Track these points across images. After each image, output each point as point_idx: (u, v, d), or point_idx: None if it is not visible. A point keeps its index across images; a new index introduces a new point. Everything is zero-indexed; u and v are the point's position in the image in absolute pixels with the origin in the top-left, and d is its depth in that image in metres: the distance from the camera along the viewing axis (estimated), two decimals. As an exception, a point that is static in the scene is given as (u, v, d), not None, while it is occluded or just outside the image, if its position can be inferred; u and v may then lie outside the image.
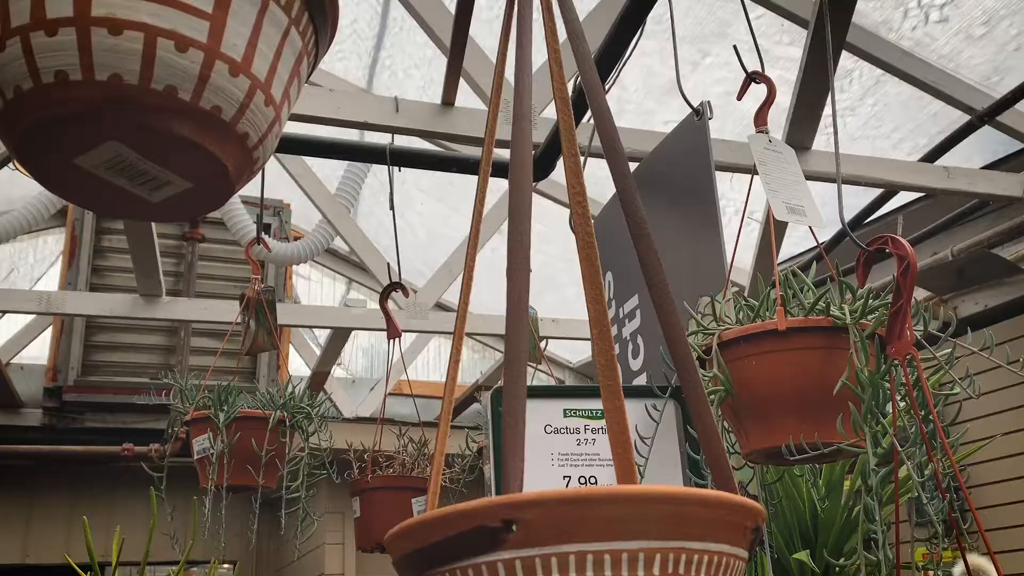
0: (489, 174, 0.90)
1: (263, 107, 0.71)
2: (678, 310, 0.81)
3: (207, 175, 0.70)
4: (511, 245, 0.70)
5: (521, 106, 0.77)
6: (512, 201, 0.73)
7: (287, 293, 5.44)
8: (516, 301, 0.67)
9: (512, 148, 0.74)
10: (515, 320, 0.66)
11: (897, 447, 1.11)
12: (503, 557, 0.58)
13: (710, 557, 0.61)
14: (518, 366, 0.65)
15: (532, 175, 0.75)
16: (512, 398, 0.64)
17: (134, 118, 0.65)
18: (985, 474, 4.07)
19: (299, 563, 5.11)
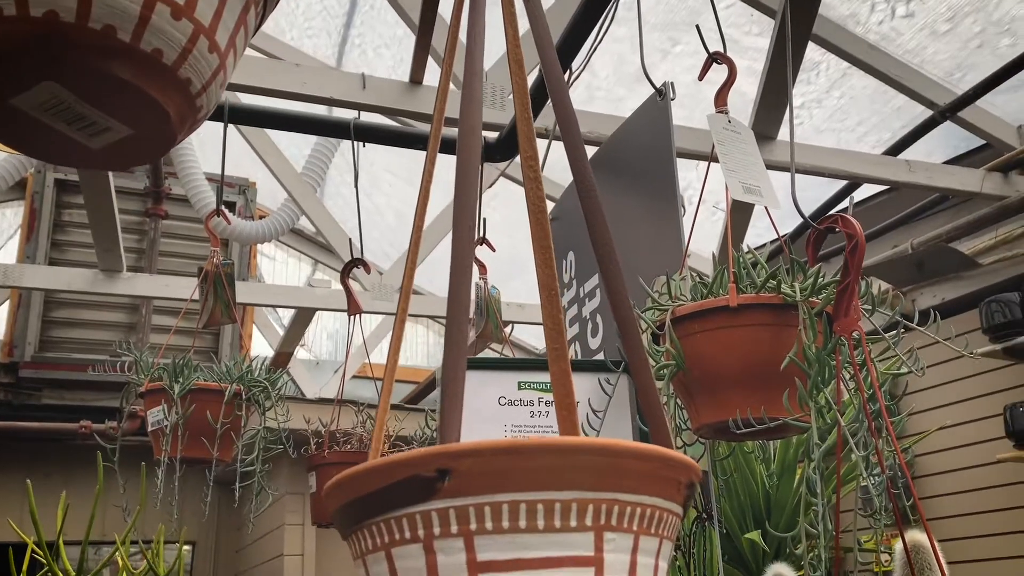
0: (437, 148, 0.90)
1: (207, 53, 0.70)
2: (624, 279, 0.81)
3: (148, 121, 0.69)
4: (457, 203, 0.70)
5: (473, 65, 0.77)
6: (460, 159, 0.73)
7: (251, 272, 5.39)
8: (460, 256, 0.67)
9: (462, 106, 0.74)
10: (458, 277, 0.66)
11: (840, 422, 1.13)
12: (437, 506, 0.58)
13: (643, 510, 0.61)
14: (459, 321, 0.65)
15: (481, 136, 0.75)
16: (452, 352, 0.64)
17: (70, 57, 0.63)
18: (933, 464, 4.15)
19: (259, 543, 5.08)
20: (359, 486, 0.61)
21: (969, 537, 3.94)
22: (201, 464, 1.90)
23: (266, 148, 4.59)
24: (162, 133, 0.71)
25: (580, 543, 0.59)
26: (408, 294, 0.80)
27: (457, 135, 0.75)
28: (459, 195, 0.72)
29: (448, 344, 0.64)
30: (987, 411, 3.87)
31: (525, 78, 0.87)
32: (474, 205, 0.70)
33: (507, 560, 0.58)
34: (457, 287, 0.66)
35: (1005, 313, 3.60)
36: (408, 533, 0.60)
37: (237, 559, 5.78)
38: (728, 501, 2.25)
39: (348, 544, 0.66)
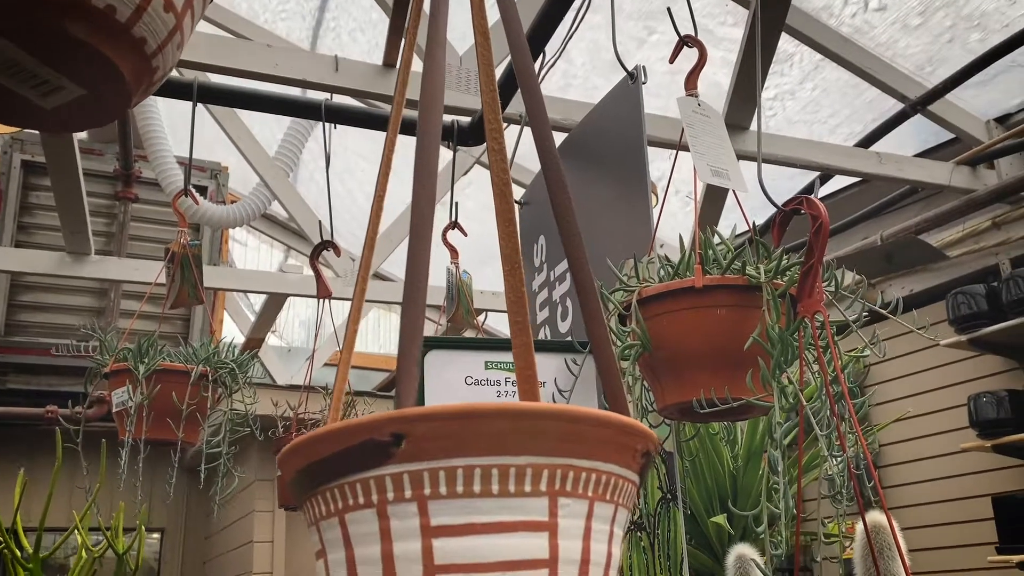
0: (398, 128, 0.89)
1: (162, 12, 0.68)
2: (587, 259, 0.81)
3: (102, 81, 0.67)
4: (417, 170, 0.70)
5: (436, 33, 0.76)
6: (421, 128, 0.73)
7: (222, 258, 5.34)
8: (420, 223, 0.67)
9: (424, 73, 0.73)
10: (417, 244, 0.66)
11: (802, 401, 1.14)
12: (391, 471, 0.58)
13: (598, 476, 0.61)
14: (417, 287, 0.64)
15: (442, 104, 0.75)
16: (409, 317, 0.64)
17: (22, 13, 0.62)
18: (898, 454, 4.21)
19: (229, 530, 5.05)
20: (314, 451, 0.61)
21: (932, 525, 4.01)
22: (167, 446, 1.88)
23: (238, 132, 4.54)
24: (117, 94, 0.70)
25: (534, 508, 0.59)
26: (368, 263, 0.79)
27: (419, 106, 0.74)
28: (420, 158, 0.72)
29: (405, 310, 0.64)
30: (952, 402, 3.93)
31: (490, 49, 0.86)
32: (434, 167, 0.70)
33: (461, 525, 0.57)
34: (416, 253, 0.66)
35: (971, 305, 3.66)
36: (362, 498, 0.59)
37: (207, 546, 5.74)
38: (695, 486, 2.26)
39: (302, 511, 0.65)
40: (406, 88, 0.83)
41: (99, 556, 1.38)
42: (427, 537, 0.57)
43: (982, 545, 3.65)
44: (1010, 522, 3.39)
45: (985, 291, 3.65)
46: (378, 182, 0.82)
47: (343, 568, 0.60)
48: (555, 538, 0.59)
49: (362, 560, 0.59)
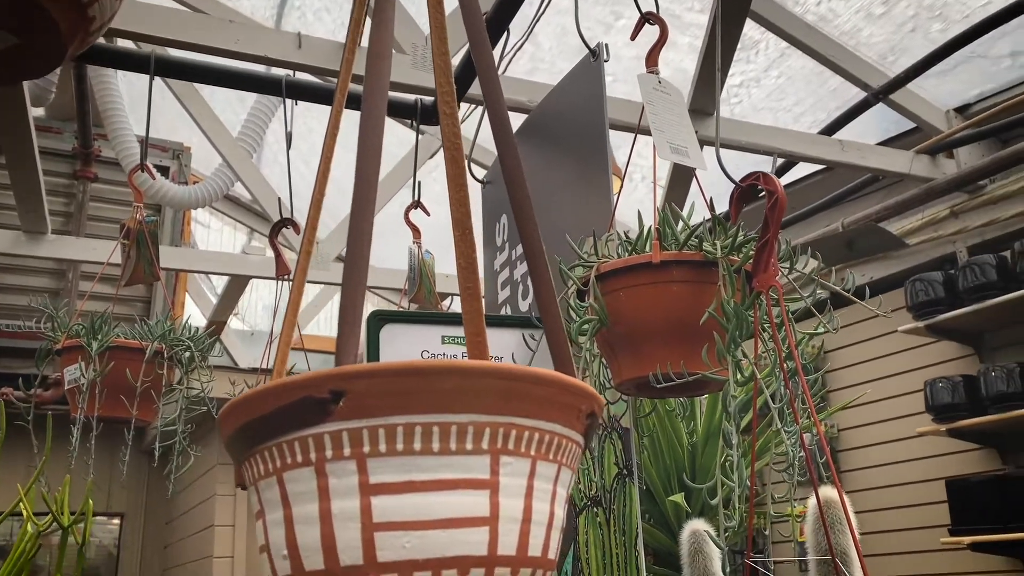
0: (344, 102, 0.88)
1: (98, -41, 0.67)
2: (539, 234, 0.81)
3: (35, 29, 0.65)
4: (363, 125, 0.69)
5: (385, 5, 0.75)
6: (367, 85, 0.72)
7: (185, 239, 5.26)
8: (364, 179, 0.66)
9: (371, 34, 0.72)
10: (362, 197, 0.65)
11: (756, 374, 1.15)
12: (330, 429, 0.57)
13: (541, 435, 0.61)
14: (360, 244, 0.63)
15: (388, 75, 0.73)
16: (352, 270, 0.63)
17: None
18: (856, 439, 4.28)
19: (190, 514, 5.00)
20: (252, 409, 0.60)
21: (889, 508, 4.08)
22: (120, 423, 1.85)
23: (201, 111, 4.47)
24: (51, 44, 0.67)
25: (476, 466, 0.58)
26: (314, 225, 0.78)
27: (366, 65, 0.73)
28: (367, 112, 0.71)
29: (348, 265, 0.63)
30: (909, 387, 3.99)
31: (443, 13, 0.85)
32: (381, 125, 0.68)
33: (400, 482, 0.57)
34: (361, 206, 0.65)
35: (928, 292, 3.72)
36: (300, 457, 0.58)
37: (167, 530, 5.68)
38: (654, 466, 2.28)
39: (242, 473, 0.64)
40: (353, 58, 0.82)
41: (43, 529, 1.35)
42: (366, 495, 0.57)
43: (936, 527, 3.72)
44: (962, 505, 3.46)
45: (942, 278, 3.71)
46: (324, 147, 0.80)
47: (280, 528, 0.59)
48: (496, 496, 0.59)
49: (300, 519, 0.58)
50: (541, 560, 0.61)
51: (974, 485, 3.46)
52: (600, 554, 1.50)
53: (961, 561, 3.66)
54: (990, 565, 3.58)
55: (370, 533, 0.56)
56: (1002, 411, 3.37)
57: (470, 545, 0.57)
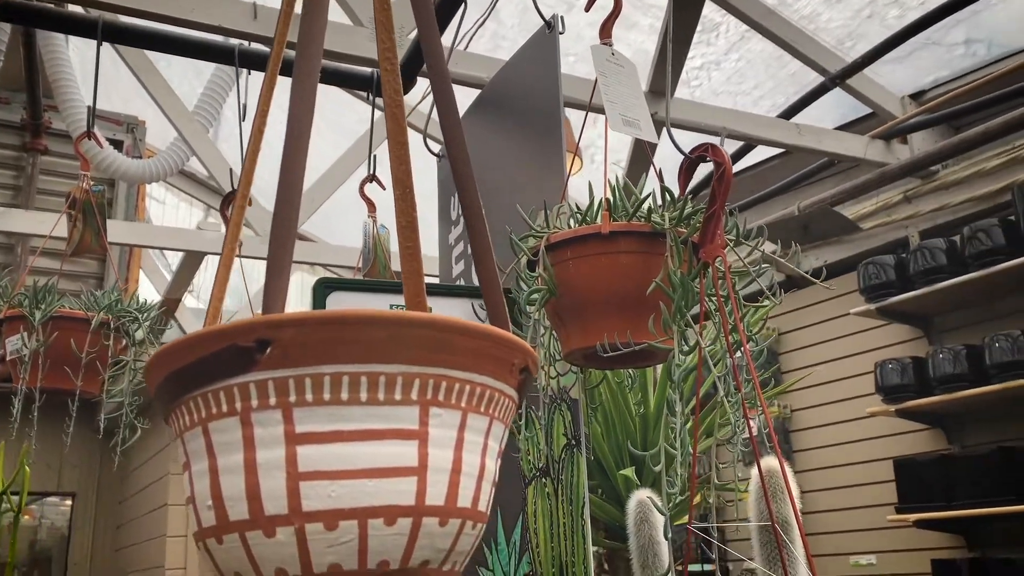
0: (279, 67, 0.87)
1: None
2: (482, 209, 0.81)
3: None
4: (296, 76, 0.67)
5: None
6: (301, 41, 0.70)
7: (138, 215, 5.16)
8: (296, 127, 0.65)
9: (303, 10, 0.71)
10: (293, 145, 0.64)
11: (701, 343, 1.16)
12: (256, 378, 0.56)
13: (472, 387, 0.61)
14: (291, 191, 0.63)
15: (322, 39, 0.72)
16: (281, 218, 0.62)
17: None
18: (808, 419, 4.35)
19: (143, 494, 4.94)
20: (178, 358, 0.59)
21: (839, 487, 4.16)
22: (64, 395, 1.81)
23: (156, 85, 4.38)
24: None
25: (405, 417, 0.58)
26: (249, 178, 0.77)
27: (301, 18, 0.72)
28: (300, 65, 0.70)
29: (277, 214, 0.62)
30: (860, 369, 4.07)
31: (386, -32, 0.84)
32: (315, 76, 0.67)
33: (327, 432, 0.56)
34: (292, 157, 0.64)
35: (880, 275, 3.78)
36: (225, 406, 0.57)
37: (120, 510, 5.61)
38: (606, 441, 2.30)
39: (169, 425, 0.63)
40: (288, 27, 0.81)
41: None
42: (291, 444, 0.56)
43: (884, 506, 3.80)
44: (909, 483, 3.55)
45: (894, 262, 3.78)
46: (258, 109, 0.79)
47: (206, 478, 0.58)
48: (425, 447, 0.58)
49: (225, 469, 0.57)
50: (471, 512, 0.61)
51: (920, 464, 3.54)
52: (548, 524, 1.50)
53: (907, 538, 3.76)
54: (934, 542, 3.67)
55: (295, 482, 0.56)
56: (948, 392, 3.45)
57: (397, 495, 0.57)
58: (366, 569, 0.56)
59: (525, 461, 1.62)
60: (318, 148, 5.41)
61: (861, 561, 4.00)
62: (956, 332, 3.81)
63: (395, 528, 0.57)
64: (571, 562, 1.43)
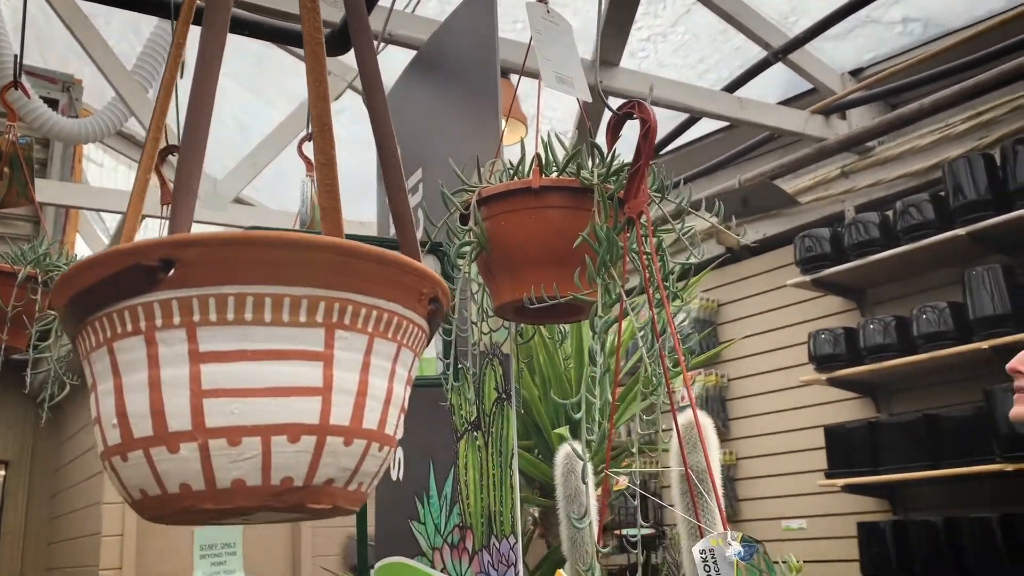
0: (190, 19, 0.86)
1: None
2: (396, 147, 0.82)
3: None
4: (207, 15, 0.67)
5: None
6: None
7: (75, 177, 5.03)
8: (208, 52, 0.65)
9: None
10: (203, 71, 0.64)
11: (623, 297, 1.19)
12: (159, 297, 0.57)
13: (379, 313, 0.62)
14: (200, 114, 0.63)
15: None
16: (190, 141, 0.62)
17: None
18: (745, 388, 4.46)
19: (80, 460, 4.86)
20: (83, 278, 0.59)
21: (773, 454, 4.28)
22: (-12, 349, 1.77)
23: (93, 42, 4.25)
24: None
25: (310, 338, 0.59)
26: (163, 114, 0.77)
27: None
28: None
29: (186, 137, 0.62)
30: (796, 339, 4.17)
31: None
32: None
33: (231, 351, 0.57)
34: (200, 82, 0.64)
35: (815, 247, 3.88)
36: (130, 326, 0.58)
37: (56, 478, 5.51)
38: (544, 403, 2.33)
39: (76, 348, 0.64)
40: None
41: None
42: (195, 363, 0.57)
43: (814, 472, 3.93)
44: (838, 450, 3.67)
45: (830, 235, 3.87)
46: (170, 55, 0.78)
47: (111, 397, 0.59)
48: (331, 368, 0.60)
49: (129, 387, 0.58)
50: (378, 434, 0.63)
51: (849, 431, 3.66)
52: (478, 476, 1.53)
53: (835, 502, 3.89)
54: (861, 506, 3.81)
55: (199, 400, 0.57)
56: (877, 361, 3.56)
57: (301, 413, 0.58)
58: (270, 485, 0.58)
59: (457, 416, 1.64)
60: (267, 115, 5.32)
61: (792, 526, 4.13)
62: (888, 304, 3.93)
63: (299, 446, 0.58)
64: (499, 511, 1.46)
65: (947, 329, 3.38)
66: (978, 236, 3.31)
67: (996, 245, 3.39)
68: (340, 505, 0.62)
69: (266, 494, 0.58)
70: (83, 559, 4.65)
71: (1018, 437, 3.06)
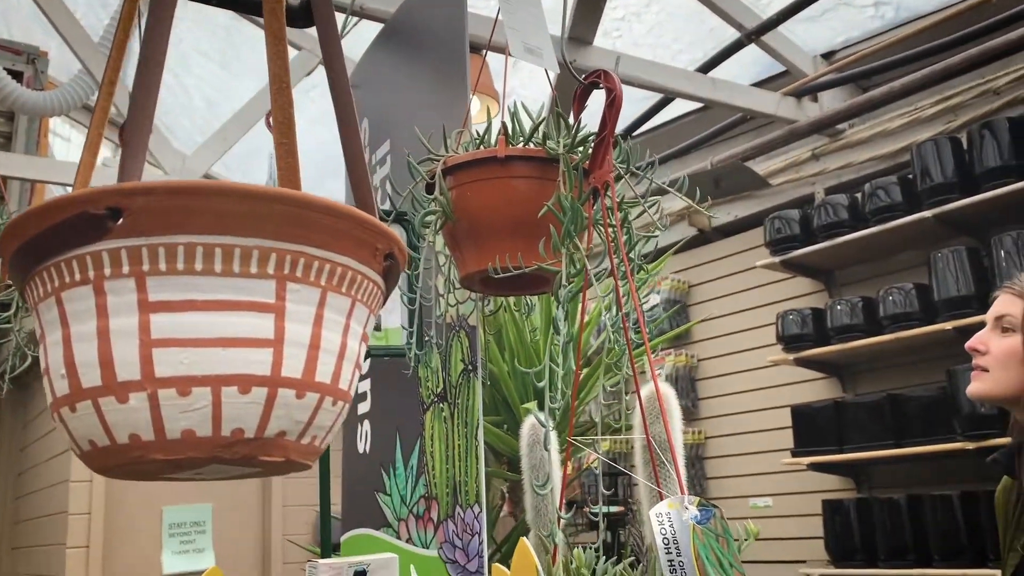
0: None
1: None
2: (353, 104, 0.81)
3: None
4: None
5: None
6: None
7: (41, 151, 4.94)
8: (159, 15, 0.64)
9: None
10: (156, 20, 0.63)
11: (587, 266, 1.20)
12: (108, 247, 0.57)
13: (332, 267, 0.62)
14: (152, 64, 0.62)
15: None
16: (141, 90, 0.61)
17: None
18: (715, 368, 4.50)
19: (47, 439, 4.81)
20: (31, 227, 0.58)
21: (741, 433, 4.33)
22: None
23: (58, 14, 4.17)
24: None
25: (261, 290, 0.59)
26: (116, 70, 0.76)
27: None
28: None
29: (136, 86, 0.61)
30: (765, 320, 4.21)
31: None
32: None
33: (181, 301, 0.57)
34: (152, 35, 0.63)
35: (785, 229, 3.91)
36: (78, 275, 0.57)
37: (22, 457, 5.46)
38: (513, 378, 2.34)
39: (25, 300, 0.63)
40: None
41: None
42: (145, 312, 0.57)
43: (781, 451, 3.97)
44: (804, 429, 3.71)
45: (799, 217, 3.91)
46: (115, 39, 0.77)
47: (59, 347, 0.58)
48: (282, 321, 0.60)
49: (78, 337, 0.58)
50: (331, 388, 0.63)
51: (815, 411, 3.70)
52: (444, 447, 1.54)
53: (801, 481, 3.94)
54: (826, 484, 3.86)
55: (148, 349, 0.56)
56: (844, 341, 3.61)
57: (252, 364, 0.58)
58: (220, 436, 0.58)
59: (424, 388, 1.65)
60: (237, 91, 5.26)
61: (759, 504, 4.19)
62: (855, 285, 3.98)
63: (249, 397, 0.58)
64: (464, 482, 1.46)
65: (912, 310, 3.43)
66: (944, 218, 3.36)
67: (962, 227, 3.44)
68: (293, 459, 0.62)
69: (216, 445, 0.58)
70: (50, 538, 4.62)
71: (979, 416, 3.12)
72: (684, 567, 0.96)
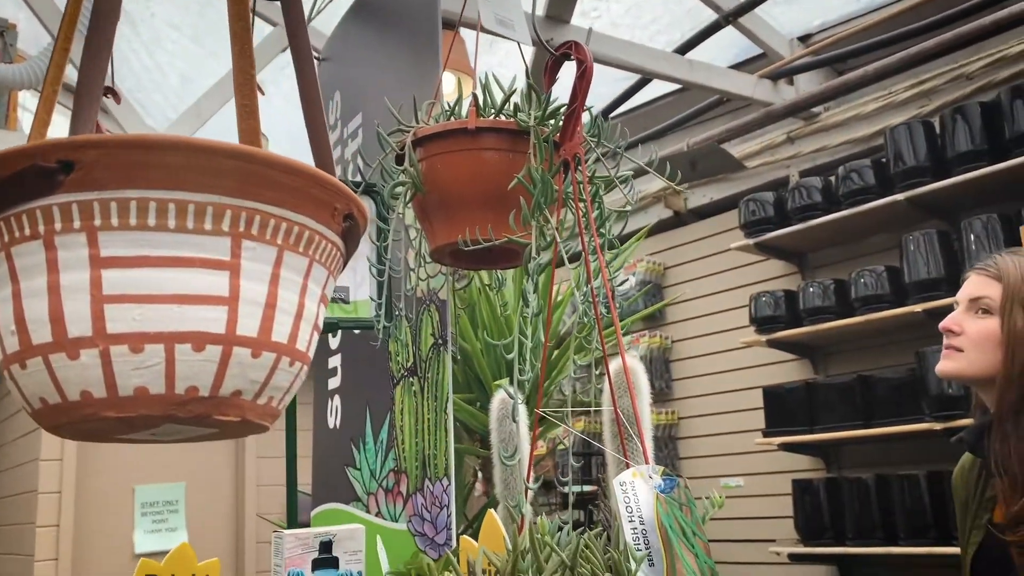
0: None
1: None
2: (312, 55, 0.80)
3: None
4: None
5: None
6: None
7: (9, 125, 4.85)
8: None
9: None
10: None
11: (557, 238, 1.20)
12: (59, 201, 0.56)
13: (289, 226, 0.62)
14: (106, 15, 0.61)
15: None
16: (93, 43, 0.60)
17: None
18: (689, 349, 4.53)
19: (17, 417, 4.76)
20: (-23, 182, 0.57)
21: (715, 414, 4.36)
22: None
23: (28, -17, 4.10)
24: None
25: (215, 247, 0.58)
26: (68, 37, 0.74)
27: None
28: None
29: (89, 39, 0.60)
30: (738, 302, 4.24)
31: None
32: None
33: (133, 257, 0.56)
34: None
35: (759, 211, 3.93)
36: (28, 230, 0.56)
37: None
38: (486, 356, 2.34)
39: (-25, 257, 0.62)
40: None
41: None
42: (96, 268, 0.56)
43: (753, 431, 4.01)
44: (775, 410, 3.75)
45: (773, 199, 3.93)
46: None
47: (9, 304, 0.57)
48: (237, 278, 0.59)
49: (28, 293, 0.57)
50: (288, 348, 0.62)
51: (786, 392, 3.74)
52: (413, 420, 1.54)
53: (772, 461, 3.99)
54: (797, 464, 3.91)
55: (100, 305, 0.55)
56: (816, 323, 3.64)
57: (206, 322, 0.57)
58: (174, 394, 0.57)
59: (394, 362, 1.64)
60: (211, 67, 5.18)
61: (731, 483, 4.23)
62: (828, 267, 4.01)
63: (204, 355, 0.57)
64: (433, 455, 1.47)
65: (883, 292, 3.46)
66: (916, 202, 3.39)
67: (933, 211, 3.47)
68: (250, 419, 0.62)
69: (170, 403, 0.57)
70: (20, 516, 4.58)
71: (947, 397, 3.16)
72: (647, 535, 0.96)
